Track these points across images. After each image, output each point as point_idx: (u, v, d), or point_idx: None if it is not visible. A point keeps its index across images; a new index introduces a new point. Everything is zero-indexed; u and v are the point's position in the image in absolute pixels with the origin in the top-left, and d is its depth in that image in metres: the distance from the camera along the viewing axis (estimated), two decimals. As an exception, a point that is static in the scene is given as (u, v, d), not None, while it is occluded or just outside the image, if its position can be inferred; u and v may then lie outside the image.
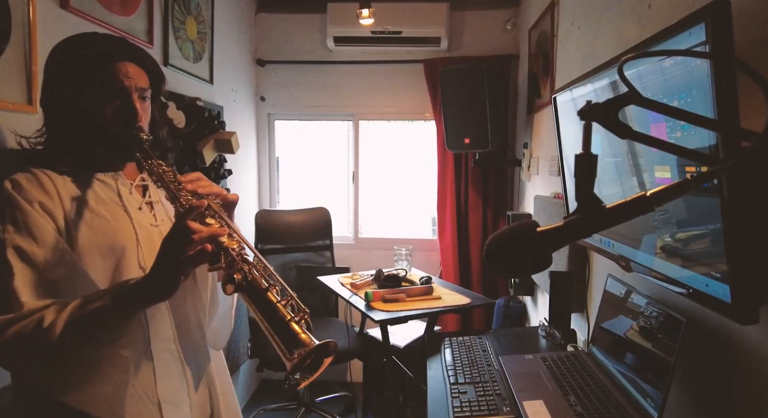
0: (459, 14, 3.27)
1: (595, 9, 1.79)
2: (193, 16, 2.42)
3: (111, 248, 0.91)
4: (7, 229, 0.83)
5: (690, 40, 0.76)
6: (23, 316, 0.79)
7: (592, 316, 1.61)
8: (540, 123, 2.64)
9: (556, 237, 0.62)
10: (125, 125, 0.92)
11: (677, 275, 0.94)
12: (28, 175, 0.88)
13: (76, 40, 0.97)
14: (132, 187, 1.00)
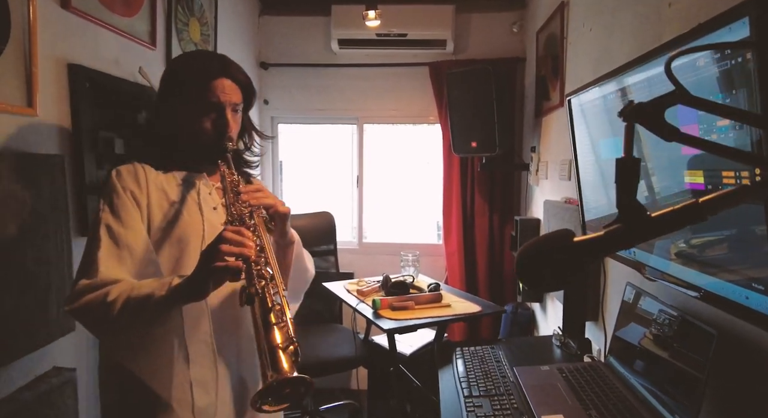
0: (465, 16, 3.23)
1: (607, 9, 1.75)
2: (196, 17, 2.38)
3: (178, 239, 1.03)
4: (104, 208, 0.99)
5: (730, 37, 0.72)
6: (97, 285, 0.91)
7: (609, 325, 1.55)
8: (549, 126, 2.60)
9: (595, 248, 0.57)
10: (217, 136, 1.05)
11: (711, 286, 0.89)
12: (129, 167, 1.05)
13: (184, 57, 1.15)
14: (213, 188, 1.12)
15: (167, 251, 1.03)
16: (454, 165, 3.23)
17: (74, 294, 0.92)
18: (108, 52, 1.74)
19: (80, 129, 1.56)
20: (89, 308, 0.91)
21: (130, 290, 0.90)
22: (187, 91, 1.04)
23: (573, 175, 2.11)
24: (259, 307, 0.84)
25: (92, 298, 0.90)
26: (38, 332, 1.35)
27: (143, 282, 0.93)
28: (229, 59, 1.10)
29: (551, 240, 0.59)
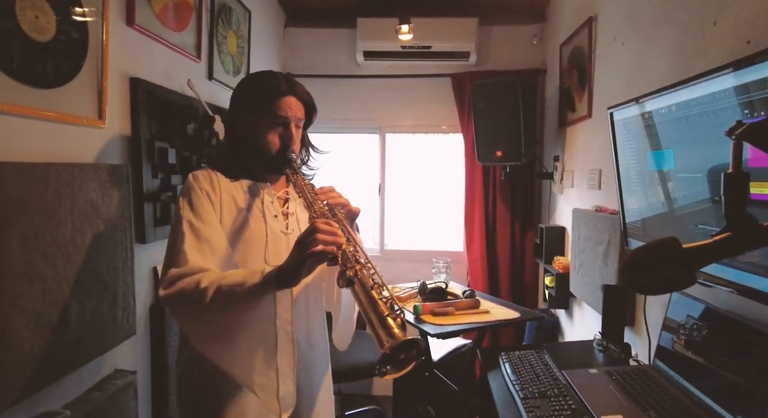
0: (487, 29, 3.31)
1: (642, 25, 1.82)
2: (233, 30, 2.45)
3: (244, 243, 1.13)
4: (185, 206, 1.08)
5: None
6: (188, 272, 0.99)
7: (653, 330, 1.60)
8: (574, 136, 2.66)
9: (704, 255, 0.62)
10: (282, 147, 1.16)
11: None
12: (204, 172, 1.16)
13: (256, 77, 1.22)
14: (275, 197, 1.22)
15: (233, 252, 1.11)
16: (477, 174, 3.30)
17: (168, 281, 0.99)
18: (161, 65, 1.81)
19: (139, 140, 1.63)
20: (183, 294, 0.97)
21: (220, 278, 0.97)
22: (258, 106, 1.15)
23: (606, 183, 2.18)
24: (360, 287, 0.91)
25: (185, 284, 0.97)
26: (108, 336, 1.40)
27: (232, 272, 1.01)
28: (294, 79, 1.21)
29: (661, 248, 0.65)
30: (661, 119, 1.29)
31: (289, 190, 1.25)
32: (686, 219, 1.27)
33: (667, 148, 1.29)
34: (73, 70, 1.31)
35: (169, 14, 1.82)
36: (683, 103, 1.19)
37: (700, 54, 1.43)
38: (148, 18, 1.68)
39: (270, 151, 1.16)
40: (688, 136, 1.17)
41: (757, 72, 0.94)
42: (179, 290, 0.97)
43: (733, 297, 1.20)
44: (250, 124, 1.17)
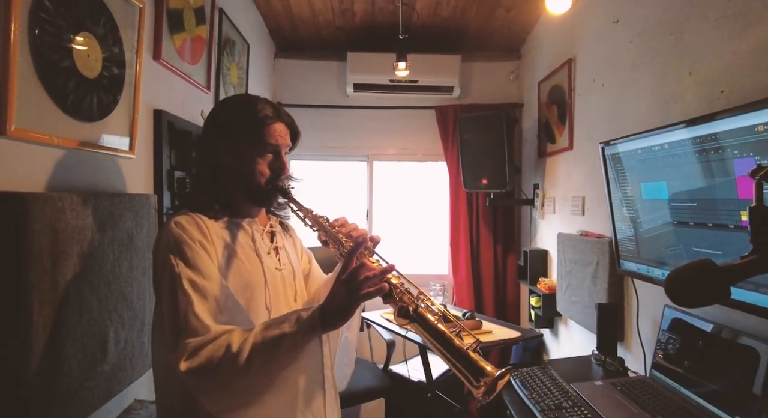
0: (468, 65, 3.55)
1: (622, 69, 2.05)
2: (235, 62, 2.53)
3: (244, 288, 1.00)
4: (179, 264, 0.92)
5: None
6: (212, 339, 0.87)
7: (647, 344, 1.76)
8: (555, 166, 2.88)
9: (737, 274, 0.76)
10: (273, 177, 1.04)
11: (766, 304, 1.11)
12: (187, 218, 0.98)
13: (238, 101, 1.10)
14: (263, 233, 1.10)
15: None
16: (461, 200, 3.46)
17: (189, 352, 0.86)
18: (178, 97, 1.86)
19: (161, 169, 1.66)
20: (213, 362, 0.85)
21: (253, 336, 0.87)
22: (244, 134, 1.01)
23: (590, 210, 2.37)
24: (424, 323, 0.89)
25: (212, 351, 0.85)
26: (136, 365, 1.39)
27: (262, 325, 0.90)
28: (279, 104, 1.11)
29: (699, 268, 0.78)
30: (654, 156, 1.48)
31: (272, 223, 1.15)
32: (677, 242, 1.45)
33: (659, 180, 1.47)
34: (112, 104, 1.35)
35: (186, 48, 1.88)
36: (670, 143, 1.38)
37: (677, 99, 1.65)
38: (171, 52, 1.74)
39: (259, 181, 1.02)
40: (679, 170, 1.36)
41: (734, 122, 1.13)
42: (208, 360, 0.85)
43: (720, 310, 1.37)
44: (234, 152, 1.02)
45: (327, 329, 0.91)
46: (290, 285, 1.11)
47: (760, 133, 1.06)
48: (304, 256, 1.25)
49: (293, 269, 1.13)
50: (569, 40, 2.64)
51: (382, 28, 3.21)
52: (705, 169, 1.26)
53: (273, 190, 1.04)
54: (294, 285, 1.13)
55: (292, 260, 1.14)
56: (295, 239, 1.24)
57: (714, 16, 1.47)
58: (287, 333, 0.88)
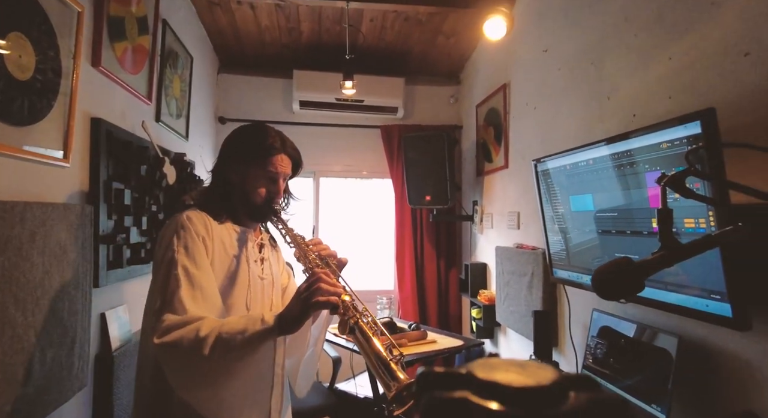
0: (412, 88, 3.70)
1: (551, 94, 2.25)
2: (178, 75, 2.48)
3: (229, 286, 1.13)
4: (180, 250, 1.05)
5: (685, 131, 1.12)
6: (187, 320, 0.97)
7: (578, 346, 1.89)
8: (492, 184, 3.05)
9: (649, 267, 0.86)
10: (268, 200, 1.19)
11: (673, 300, 1.25)
12: (197, 214, 1.13)
13: (253, 130, 1.25)
14: (255, 243, 1.23)
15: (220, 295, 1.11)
16: (406, 216, 3.55)
17: (164, 328, 0.96)
18: (118, 106, 1.80)
19: (98, 180, 1.58)
20: (180, 342, 0.95)
21: (220, 326, 0.97)
22: (252, 159, 1.18)
23: (524, 224, 2.53)
24: (361, 334, 1.00)
25: (183, 333, 0.96)
26: (64, 388, 1.29)
27: (230, 319, 1.01)
28: (285, 136, 1.26)
29: (620, 265, 0.88)
30: (580, 171, 1.63)
31: (263, 237, 1.28)
32: (602, 249, 1.59)
33: (585, 193, 1.62)
34: (45, 109, 1.29)
35: (128, 57, 1.83)
36: (594, 159, 1.53)
37: (599, 120, 1.83)
38: (111, 60, 1.69)
39: (256, 201, 1.18)
40: (602, 184, 1.51)
41: (644, 140, 1.29)
42: (177, 339, 0.95)
43: (638, 309, 1.52)
44: (242, 172, 1.18)
45: (282, 333, 1.01)
46: (268, 294, 1.23)
47: (664, 150, 1.21)
48: (285, 272, 1.36)
49: (273, 280, 1.25)
50: (504, 67, 2.85)
51: (329, 47, 3.29)
52: (623, 182, 1.41)
53: (266, 209, 1.19)
54: (271, 295, 1.24)
55: (274, 272, 1.26)
56: (280, 255, 1.37)
57: (626, 50, 1.67)
58: (249, 330, 0.97)
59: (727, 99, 1.23)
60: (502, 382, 0.18)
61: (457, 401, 0.19)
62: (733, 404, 1.20)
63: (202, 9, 2.82)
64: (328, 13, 2.89)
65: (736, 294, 1.06)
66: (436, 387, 0.20)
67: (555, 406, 0.18)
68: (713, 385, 1.27)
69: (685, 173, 0.87)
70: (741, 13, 1.21)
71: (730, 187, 0.84)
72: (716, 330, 1.25)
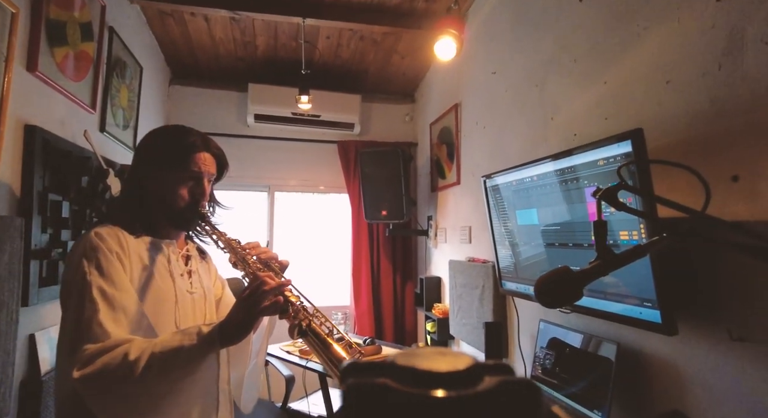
0: (368, 105, 3.76)
1: (499, 114, 2.35)
2: (126, 84, 2.39)
3: (155, 304, 1.03)
4: (92, 272, 0.94)
5: (618, 149, 1.20)
6: (111, 346, 0.88)
7: (527, 356, 1.94)
8: (445, 199, 3.13)
9: (587, 277, 0.91)
10: (193, 203, 1.09)
11: (612, 309, 1.32)
12: (109, 230, 1.01)
13: (169, 131, 1.15)
14: (179, 256, 1.14)
15: None
16: (363, 231, 3.55)
17: (85, 359, 0.86)
18: (57, 114, 1.71)
19: (31, 190, 1.49)
20: (107, 370, 0.86)
21: (152, 346, 0.89)
22: (170, 161, 1.07)
23: (476, 238, 2.60)
24: (315, 337, 0.98)
25: (109, 359, 0.86)
26: (-15, 417, 1.18)
27: (163, 337, 0.93)
28: (208, 136, 1.16)
29: (560, 274, 0.92)
30: (526, 186, 1.70)
31: (189, 248, 1.18)
32: (549, 262, 1.66)
33: (531, 208, 1.69)
34: (-27, 114, 1.21)
35: (69, 64, 1.75)
36: (538, 175, 1.61)
37: (543, 140, 1.93)
38: (49, 66, 1.61)
39: (179, 205, 1.07)
40: (546, 199, 1.58)
41: (582, 158, 1.37)
42: (102, 367, 0.86)
43: (582, 319, 1.59)
44: (160, 176, 1.07)
45: (225, 344, 0.94)
46: (200, 308, 1.14)
47: (600, 167, 1.29)
48: (218, 282, 1.28)
49: (205, 293, 1.16)
50: (456, 87, 2.95)
51: (285, 62, 3.29)
52: (564, 197, 1.49)
53: (191, 214, 1.09)
54: (204, 309, 1.15)
55: (205, 285, 1.17)
56: (211, 266, 1.27)
57: (566, 74, 1.78)
58: (186, 346, 0.90)
59: (653, 122, 1.34)
60: (420, 367, 0.19)
61: (377, 386, 0.19)
62: (665, 405, 1.28)
63: (153, 19, 2.76)
64: (284, 29, 2.90)
65: (664, 301, 1.14)
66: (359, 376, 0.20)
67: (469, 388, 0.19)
68: (648, 388, 1.35)
69: (617, 187, 0.93)
70: (661, 45, 1.33)
71: (657, 201, 0.90)
72: (649, 336, 1.33)
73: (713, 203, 1.05)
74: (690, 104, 1.23)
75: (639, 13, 1.42)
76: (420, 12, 2.72)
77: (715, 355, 1.14)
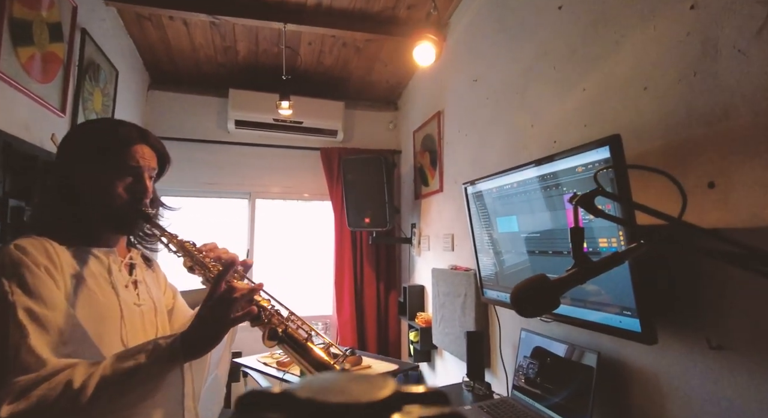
0: (351, 112, 3.73)
1: (480, 122, 2.34)
2: (100, 88, 2.33)
3: (96, 321, 0.90)
4: (15, 291, 0.81)
5: (597, 155, 1.19)
6: (47, 375, 0.77)
7: (509, 366, 1.91)
8: (429, 207, 3.10)
9: (564, 285, 0.89)
10: (133, 201, 0.96)
11: (592, 317, 1.30)
12: (32, 241, 0.87)
13: (99, 123, 1.03)
14: (122, 265, 1.01)
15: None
16: (346, 239, 3.51)
17: (17, 392, 0.75)
18: (21, 116, 1.64)
19: (-10, 196, 1.42)
20: (46, 403, 0.75)
21: (100, 369, 0.80)
22: (103, 156, 0.94)
23: (458, 246, 2.57)
24: (293, 343, 0.91)
25: (47, 391, 0.76)
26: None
27: (114, 357, 0.82)
28: (143, 128, 1.03)
29: (537, 282, 0.89)
30: (506, 193, 1.69)
31: (133, 255, 1.06)
32: (532, 269, 1.64)
33: (510, 215, 1.67)
34: (-75, 115, 1.14)
35: (36, 64, 1.69)
36: (519, 182, 1.59)
37: (524, 147, 1.92)
38: (13, 66, 1.55)
39: (116, 205, 0.94)
40: (525, 206, 1.57)
41: (561, 164, 1.36)
42: (39, 400, 0.75)
43: (563, 328, 1.57)
44: (93, 175, 0.94)
45: (190, 358, 0.86)
46: (150, 321, 1.02)
47: (579, 173, 1.28)
48: (168, 291, 1.16)
49: (154, 304, 1.05)
50: (438, 95, 2.95)
51: (267, 68, 3.25)
52: (544, 204, 1.47)
53: (133, 214, 0.96)
54: (155, 321, 1.04)
55: (154, 295, 1.06)
56: (159, 274, 1.15)
57: (546, 81, 1.78)
58: (143, 364, 0.81)
59: (631, 128, 1.33)
60: (320, 400, 0.16)
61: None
62: (646, 414, 1.25)
63: (130, 22, 2.70)
64: (265, 34, 2.86)
65: (643, 309, 1.12)
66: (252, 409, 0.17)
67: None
68: (629, 397, 1.32)
69: (594, 193, 0.91)
70: (638, 52, 1.33)
71: (635, 207, 0.88)
72: (630, 345, 1.31)
73: (690, 210, 1.04)
74: (667, 111, 1.23)
75: (616, 20, 1.43)
76: (402, 19, 2.71)
77: (694, 364, 1.13)
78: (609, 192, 0.95)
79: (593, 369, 1.36)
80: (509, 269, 1.77)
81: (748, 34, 1.02)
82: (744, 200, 1.02)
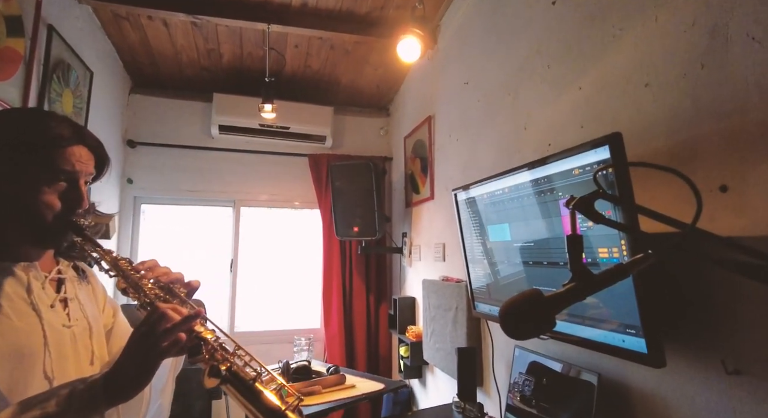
0: (341, 117, 3.63)
1: (472, 125, 2.23)
2: (71, 89, 2.21)
3: (12, 354, 0.76)
4: None
5: (595, 156, 1.07)
6: None
7: (502, 385, 1.78)
8: (420, 215, 2.98)
9: (560, 301, 0.76)
10: (66, 211, 0.83)
11: (591, 335, 1.18)
12: None
13: (22, 117, 0.88)
14: (46, 281, 0.87)
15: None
16: (334, 248, 3.38)
17: None
18: (-26, 116, 1.51)
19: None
20: None
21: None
22: (30, 158, 0.80)
23: (450, 255, 2.45)
24: (239, 383, 0.76)
25: None
26: None
27: (17, 407, 0.69)
28: (79, 124, 0.91)
29: (528, 299, 0.77)
30: (498, 199, 1.57)
31: (62, 268, 0.92)
32: (528, 281, 1.51)
33: (503, 223, 1.55)
34: None
35: (-8, 61, 1.57)
36: (511, 187, 1.47)
37: (516, 150, 1.81)
38: (-35, 61, 1.43)
39: (44, 216, 0.81)
40: (517, 213, 1.45)
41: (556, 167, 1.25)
42: None
43: (560, 346, 1.44)
44: (10, 178, 0.80)
45: (113, 403, 0.73)
46: (85, 345, 0.89)
47: (576, 176, 1.17)
48: (108, 308, 1.02)
49: (90, 324, 0.91)
50: (429, 99, 2.84)
51: (252, 72, 3.15)
52: (537, 211, 1.35)
53: (63, 226, 0.83)
54: (90, 345, 0.90)
55: (89, 314, 0.92)
56: (96, 287, 1.00)
57: (540, 81, 1.68)
58: (52, 415, 0.67)
59: (631, 128, 1.22)
60: None
61: None
62: (654, 448, 1.13)
63: (107, 22, 2.59)
64: (249, 36, 2.76)
65: (650, 328, 1.00)
66: None
67: None
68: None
69: (594, 196, 0.79)
70: (638, 46, 1.22)
71: (640, 211, 0.77)
72: (634, 367, 1.19)
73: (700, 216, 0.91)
74: (671, 108, 1.12)
75: (614, 12, 1.32)
76: (390, 21, 2.61)
77: (708, 390, 1.00)
78: (611, 194, 0.83)
79: (594, 386, 1.23)
80: (502, 281, 1.65)
81: (765, 19, 0.91)
82: (762, 205, 0.91)
